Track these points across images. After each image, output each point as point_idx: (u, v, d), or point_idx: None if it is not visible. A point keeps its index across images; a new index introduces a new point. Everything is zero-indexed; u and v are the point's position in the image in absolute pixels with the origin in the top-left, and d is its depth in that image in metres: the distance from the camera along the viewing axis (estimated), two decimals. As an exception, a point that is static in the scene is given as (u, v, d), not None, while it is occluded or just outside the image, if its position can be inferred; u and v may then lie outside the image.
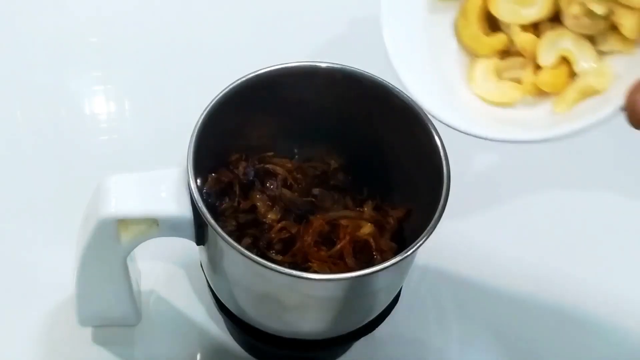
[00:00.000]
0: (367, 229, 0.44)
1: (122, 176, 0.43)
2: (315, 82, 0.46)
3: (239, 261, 0.40)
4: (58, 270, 0.51)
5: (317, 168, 0.49)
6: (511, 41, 0.41)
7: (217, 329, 0.53)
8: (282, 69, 0.45)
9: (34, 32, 0.70)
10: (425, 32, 0.41)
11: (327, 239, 0.44)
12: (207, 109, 0.43)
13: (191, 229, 0.42)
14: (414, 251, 0.39)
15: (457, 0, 0.41)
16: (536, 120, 0.38)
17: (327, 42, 0.39)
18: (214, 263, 0.44)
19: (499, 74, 0.41)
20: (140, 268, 0.53)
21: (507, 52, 0.41)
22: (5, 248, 0.56)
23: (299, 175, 0.48)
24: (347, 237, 0.44)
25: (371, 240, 0.44)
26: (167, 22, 0.71)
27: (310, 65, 0.45)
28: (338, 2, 0.71)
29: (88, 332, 0.52)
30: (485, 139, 0.37)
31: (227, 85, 0.44)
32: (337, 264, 0.43)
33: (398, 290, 0.48)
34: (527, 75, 0.40)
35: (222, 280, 0.45)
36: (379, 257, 0.44)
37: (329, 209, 0.46)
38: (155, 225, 0.42)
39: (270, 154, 0.49)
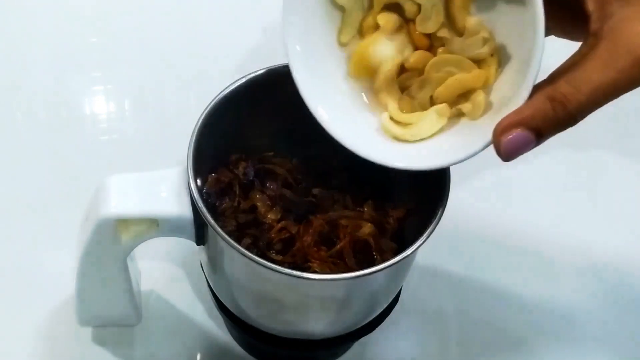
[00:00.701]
0: (367, 229, 0.44)
1: (122, 176, 0.43)
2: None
3: (239, 261, 0.40)
4: (58, 270, 0.51)
5: (317, 168, 0.49)
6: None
7: (217, 329, 0.53)
8: (282, 69, 0.44)
9: (34, 32, 0.70)
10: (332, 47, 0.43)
11: (327, 239, 0.44)
12: (207, 109, 0.43)
13: (191, 229, 0.42)
14: (414, 251, 0.39)
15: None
16: (420, 146, 0.41)
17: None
18: (214, 263, 0.44)
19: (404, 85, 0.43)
20: (140, 268, 0.53)
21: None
22: (5, 248, 0.56)
23: (299, 175, 0.48)
24: (347, 237, 0.44)
25: (371, 240, 0.44)
26: (167, 22, 0.71)
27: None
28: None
29: (88, 332, 0.52)
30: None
31: (227, 85, 0.44)
32: (337, 264, 0.43)
33: (398, 290, 0.48)
34: (415, 90, 0.42)
35: (222, 280, 0.45)
36: (379, 257, 0.44)
37: (329, 209, 0.46)
38: (155, 226, 0.42)
39: (270, 154, 0.49)
